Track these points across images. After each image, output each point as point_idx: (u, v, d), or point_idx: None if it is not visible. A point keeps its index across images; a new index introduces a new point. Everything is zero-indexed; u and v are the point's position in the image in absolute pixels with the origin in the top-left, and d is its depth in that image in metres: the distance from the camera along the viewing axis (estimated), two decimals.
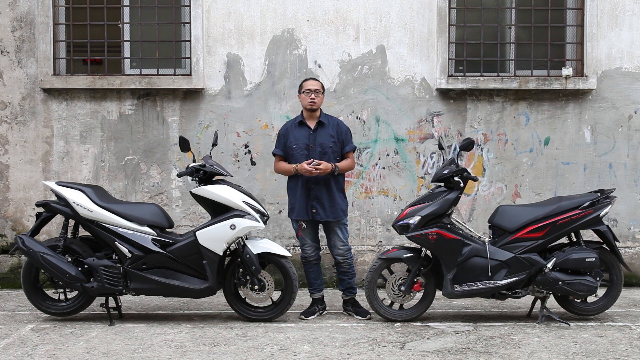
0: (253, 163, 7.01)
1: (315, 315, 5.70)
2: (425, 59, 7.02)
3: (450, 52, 7.03)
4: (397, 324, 5.46)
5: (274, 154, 5.84)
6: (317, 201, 5.62)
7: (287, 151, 5.71)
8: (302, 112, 5.79)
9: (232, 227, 5.38)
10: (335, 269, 5.90)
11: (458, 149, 6.72)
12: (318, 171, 5.48)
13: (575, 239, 5.63)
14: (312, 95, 5.64)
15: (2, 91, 7.02)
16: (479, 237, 5.63)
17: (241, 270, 5.50)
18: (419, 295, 5.60)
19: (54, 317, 5.65)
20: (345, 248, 5.73)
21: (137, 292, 5.50)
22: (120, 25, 7.13)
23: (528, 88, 6.97)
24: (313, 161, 5.50)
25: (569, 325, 5.41)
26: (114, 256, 5.50)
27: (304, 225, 5.69)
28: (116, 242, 5.43)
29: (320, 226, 5.85)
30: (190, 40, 6.98)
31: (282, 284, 5.57)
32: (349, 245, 5.80)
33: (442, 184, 5.56)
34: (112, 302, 5.58)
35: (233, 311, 5.65)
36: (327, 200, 5.63)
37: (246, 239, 5.54)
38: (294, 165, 5.60)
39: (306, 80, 5.80)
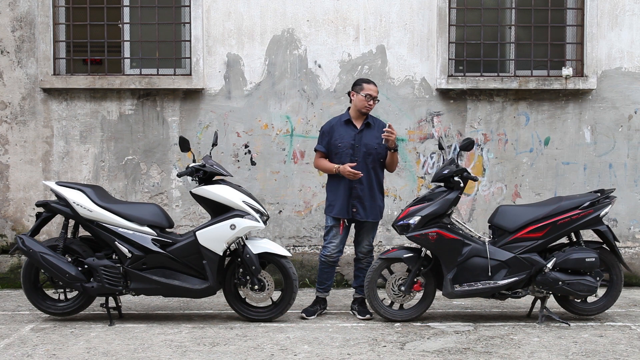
0: (253, 163, 6.98)
1: (316, 315, 5.70)
2: (425, 59, 7.02)
3: (450, 52, 7.03)
4: (397, 324, 5.46)
5: (315, 150, 5.79)
6: (358, 200, 5.62)
7: (331, 149, 5.68)
8: (348, 110, 5.76)
9: (232, 227, 5.38)
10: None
11: (458, 149, 6.72)
12: (362, 174, 5.51)
13: (575, 239, 5.63)
14: (372, 102, 5.63)
15: (2, 91, 7.02)
16: (479, 237, 5.63)
17: (241, 270, 5.50)
18: (419, 295, 5.60)
19: (54, 317, 5.64)
20: (369, 248, 5.76)
21: (137, 292, 5.49)
22: (120, 25, 7.13)
23: (528, 88, 6.97)
24: (389, 125, 5.48)
25: (569, 325, 5.41)
26: (114, 256, 5.50)
27: (347, 224, 5.69)
28: (116, 242, 5.43)
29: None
30: (190, 40, 6.98)
31: (282, 284, 5.57)
32: (373, 246, 5.82)
33: (442, 184, 5.56)
34: (112, 302, 5.58)
35: (233, 311, 5.65)
36: (369, 200, 5.64)
37: (246, 239, 5.54)
38: (336, 166, 5.57)
39: (368, 82, 5.68)
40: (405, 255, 5.51)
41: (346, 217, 5.65)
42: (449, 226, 5.46)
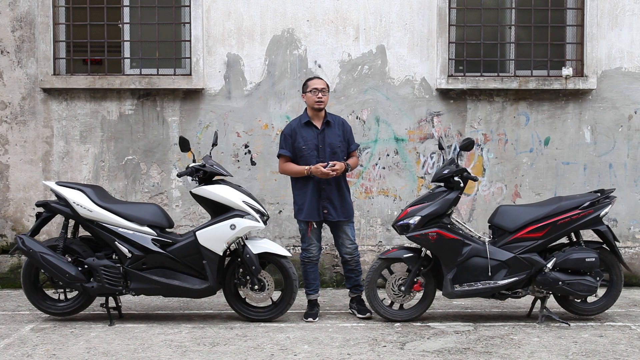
0: (253, 163, 7.01)
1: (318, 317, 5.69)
2: (425, 59, 7.02)
3: (450, 52, 7.03)
4: (397, 324, 5.46)
5: (280, 155, 5.72)
6: (328, 202, 5.61)
7: (296, 152, 5.64)
8: (305, 111, 5.74)
9: (232, 227, 5.38)
10: (335, 269, 5.91)
11: (458, 149, 6.72)
12: (334, 173, 5.48)
13: (575, 239, 5.63)
14: (320, 94, 5.60)
15: (2, 91, 7.02)
16: (479, 237, 5.63)
17: (241, 270, 5.50)
18: (419, 295, 5.60)
19: (54, 317, 5.65)
20: (354, 247, 5.74)
21: (137, 292, 5.49)
22: (120, 25, 7.13)
23: (528, 88, 6.97)
24: (328, 164, 5.47)
25: (569, 325, 5.41)
26: (114, 256, 5.51)
27: (315, 226, 5.68)
28: (116, 242, 5.43)
29: (324, 226, 5.83)
30: (190, 40, 6.98)
31: (282, 284, 5.57)
32: (356, 243, 5.80)
33: (442, 184, 5.56)
34: (112, 302, 5.59)
35: (233, 311, 5.66)
36: (338, 200, 5.63)
37: (246, 239, 5.54)
38: (307, 167, 5.54)
39: (311, 79, 5.74)
40: (405, 255, 5.51)
41: (317, 219, 5.62)
42: (449, 226, 5.46)
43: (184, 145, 5.55)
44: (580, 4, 7.04)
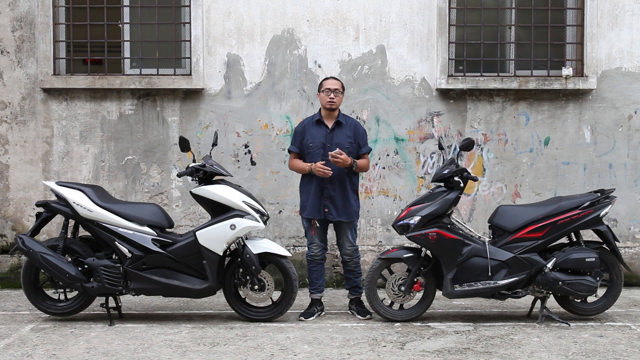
0: (253, 163, 7.01)
1: (314, 317, 5.69)
2: (425, 59, 7.02)
3: (450, 52, 7.03)
4: (397, 324, 5.46)
5: (289, 151, 5.82)
6: (330, 201, 5.61)
7: (304, 149, 5.70)
8: (319, 110, 5.79)
9: (232, 227, 5.38)
10: (335, 269, 5.91)
11: (458, 149, 6.73)
12: (330, 171, 5.48)
13: (575, 239, 5.63)
14: (332, 95, 5.63)
15: (2, 91, 7.02)
16: (479, 237, 5.64)
17: (241, 270, 5.50)
18: (419, 295, 5.60)
19: (54, 317, 5.65)
20: (353, 249, 5.74)
21: (137, 292, 5.50)
22: (120, 25, 7.13)
23: (528, 88, 6.97)
24: (336, 150, 5.46)
25: (569, 325, 5.41)
26: (114, 256, 5.51)
27: (317, 224, 5.69)
28: (116, 242, 5.43)
29: (331, 225, 5.83)
30: (190, 40, 6.98)
31: (282, 284, 5.57)
32: (357, 245, 5.80)
33: (442, 184, 5.56)
34: (112, 302, 5.58)
35: (233, 311, 5.65)
36: (340, 200, 5.63)
37: (246, 239, 5.54)
38: (309, 165, 5.59)
39: (326, 79, 5.79)
40: (405, 255, 5.51)
41: (318, 217, 5.65)
42: (449, 226, 5.46)
43: (184, 145, 5.55)
44: (580, 4, 7.04)
